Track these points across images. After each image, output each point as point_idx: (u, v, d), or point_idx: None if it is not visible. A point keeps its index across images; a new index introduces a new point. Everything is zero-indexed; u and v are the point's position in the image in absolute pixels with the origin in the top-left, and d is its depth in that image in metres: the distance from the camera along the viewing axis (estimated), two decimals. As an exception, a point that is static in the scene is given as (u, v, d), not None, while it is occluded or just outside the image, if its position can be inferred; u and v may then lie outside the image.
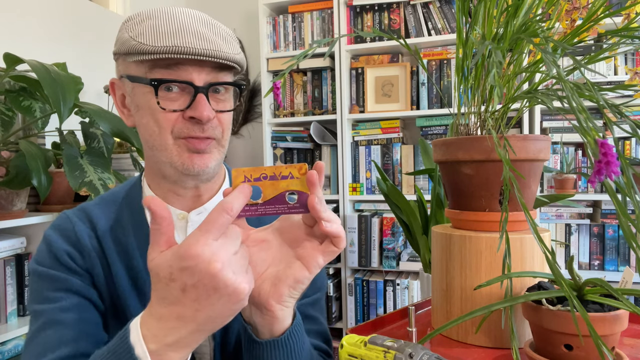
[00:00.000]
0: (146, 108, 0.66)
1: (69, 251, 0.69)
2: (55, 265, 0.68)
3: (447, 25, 2.27)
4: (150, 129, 0.66)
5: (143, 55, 0.62)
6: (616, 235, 2.12)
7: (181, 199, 0.73)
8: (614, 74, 2.13)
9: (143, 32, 0.63)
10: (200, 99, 0.64)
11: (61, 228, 0.72)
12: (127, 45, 0.64)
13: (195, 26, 0.64)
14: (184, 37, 0.62)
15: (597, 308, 0.54)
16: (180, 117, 0.65)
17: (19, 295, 1.57)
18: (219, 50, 0.64)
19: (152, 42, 0.62)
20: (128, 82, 0.68)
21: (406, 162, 2.38)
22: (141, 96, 0.66)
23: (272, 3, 2.49)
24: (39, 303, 0.67)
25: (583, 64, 0.51)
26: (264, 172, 0.51)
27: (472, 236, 0.65)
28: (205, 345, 0.73)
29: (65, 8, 2.01)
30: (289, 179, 0.51)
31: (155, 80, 0.63)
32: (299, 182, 0.51)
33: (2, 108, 1.54)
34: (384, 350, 0.53)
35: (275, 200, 0.51)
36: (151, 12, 0.66)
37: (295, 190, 0.51)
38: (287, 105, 2.55)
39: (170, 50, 0.61)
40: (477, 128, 0.69)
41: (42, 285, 0.68)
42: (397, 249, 2.34)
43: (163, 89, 0.64)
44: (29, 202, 1.67)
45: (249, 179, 0.51)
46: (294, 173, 0.51)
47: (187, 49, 0.62)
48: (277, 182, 0.51)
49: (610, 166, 0.44)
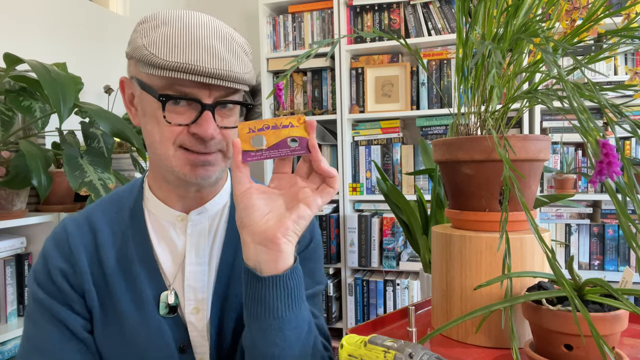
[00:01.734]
0: (152, 117, 0.67)
1: (63, 268, 0.71)
2: (47, 285, 0.71)
3: (447, 25, 2.27)
4: (153, 136, 0.67)
5: (154, 69, 0.62)
6: (616, 235, 2.12)
7: (183, 200, 0.74)
8: (614, 74, 2.13)
9: (156, 41, 0.63)
10: (206, 117, 0.65)
11: (57, 238, 0.74)
12: (140, 53, 0.64)
13: (209, 42, 0.64)
14: (195, 54, 0.62)
15: (597, 308, 0.54)
16: (184, 130, 0.66)
17: (19, 295, 1.56)
18: (230, 71, 0.64)
19: (164, 55, 0.62)
20: (138, 88, 0.68)
21: (406, 162, 2.38)
22: (148, 104, 0.67)
23: (272, 3, 2.49)
24: (30, 321, 0.72)
25: (583, 63, 0.51)
26: (266, 123, 0.59)
27: (472, 236, 0.65)
28: (204, 345, 0.73)
29: (65, 8, 2.01)
30: (289, 127, 0.59)
31: (163, 96, 0.64)
32: (298, 129, 0.59)
33: (2, 108, 1.54)
34: (384, 350, 0.53)
35: (277, 145, 0.59)
36: (167, 18, 0.66)
37: (296, 136, 0.59)
38: (287, 105, 2.55)
39: (180, 68, 0.61)
40: (477, 128, 0.69)
41: (34, 306, 0.72)
42: (397, 249, 2.34)
43: (171, 103, 0.65)
44: (29, 202, 1.67)
45: (253, 129, 0.59)
46: (294, 122, 0.59)
47: (198, 69, 0.62)
48: (278, 131, 0.59)
49: (612, 166, 0.44)
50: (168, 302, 0.71)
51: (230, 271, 0.75)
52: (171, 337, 0.71)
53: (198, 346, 0.74)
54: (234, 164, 0.60)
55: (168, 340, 0.71)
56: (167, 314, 0.71)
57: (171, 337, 0.71)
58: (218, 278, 0.74)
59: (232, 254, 0.75)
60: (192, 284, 0.73)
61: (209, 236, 0.75)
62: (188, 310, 0.73)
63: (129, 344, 0.70)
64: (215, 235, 0.76)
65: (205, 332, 0.73)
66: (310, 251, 0.80)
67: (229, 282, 0.74)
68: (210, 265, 0.75)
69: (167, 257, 0.74)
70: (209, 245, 0.75)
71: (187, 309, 0.73)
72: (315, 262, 0.82)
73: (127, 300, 0.71)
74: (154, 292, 0.72)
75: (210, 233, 0.76)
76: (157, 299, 0.72)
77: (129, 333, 0.70)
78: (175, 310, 0.72)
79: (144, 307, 0.71)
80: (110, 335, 0.71)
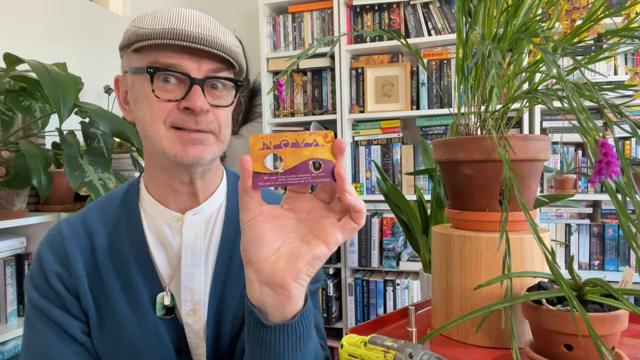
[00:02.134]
0: (143, 99, 0.67)
1: (58, 272, 0.71)
2: (44, 289, 0.71)
3: (447, 25, 2.27)
4: (144, 119, 0.67)
5: (141, 41, 0.64)
6: (616, 235, 2.12)
7: (177, 197, 0.73)
8: (614, 74, 2.13)
9: (144, 20, 0.66)
10: (195, 90, 0.65)
11: (51, 241, 0.73)
12: (128, 33, 0.67)
13: (195, 18, 0.66)
14: (181, 23, 0.64)
15: (597, 308, 0.54)
16: (175, 107, 0.66)
17: (19, 295, 1.56)
18: (215, 38, 0.65)
19: (150, 25, 0.64)
20: (129, 76, 0.69)
21: (406, 162, 2.38)
22: (139, 88, 0.68)
23: (272, 3, 2.49)
24: (28, 326, 0.72)
25: (583, 64, 0.51)
26: (285, 139, 0.47)
27: (472, 236, 0.65)
28: (201, 347, 0.73)
29: (65, 8, 2.01)
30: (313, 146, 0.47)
31: (151, 68, 0.64)
32: (324, 149, 0.47)
33: (2, 108, 1.54)
34: (384, 350, 0.53)
35: (297, 169, 0.47)
36: (157, 10, 0.69)
37: (320, 158, 0.47)
38: (287, 105, 2.55)
39: (164, 34, 0.63)
40: (477, 128, 0.69)
41: (32, 310, 0.72)
42: (397, 249, 2.34)
43: (160, 80, 0.65)
44: (29, 202, 1.67)
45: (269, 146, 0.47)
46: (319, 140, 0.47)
47: (183, 33, 0.63)
48: (299, 150, 0.47)
49: (610, 166, 0.44)
50: (164, 304, 0.71)
51: (226, 272, 0.74)
52: (168, 339, 0.71)
53: (195, 347, 0.73)
54: (242, 188, 0.50)
55: (165, 342, 0.70)
56: (163, 315, 0.71)
57: (168, 338, 0.71)
58: (214, 279, 0.73)
59: (228, 255, 0.75)
60: (189, 285, 0.72)
61: (204, 237, 0.75)
62: (185, 312, 0.72)
63: (126, 346, 0.70)
64: (211, 236, 0.75)
65: (202, 334, 0.73)
66: None
67: (226, 283, 0.74)
68: (207, 267, 0.74)
69: (163, 258, 0.73)
70: (205, 246, 0.74)
71: (184, 310, 0.72)
72: None
73: (123, 302, 0.70)
74: (150, 294, 0.71)
75: (206, 234, 0.75)
76: (154, 300, 0.71)
77: (126, 335, 0.70)
78: (172, 311, 0.72)
79: (140, 309, 0.70)
80: (107, 337, 0.71)
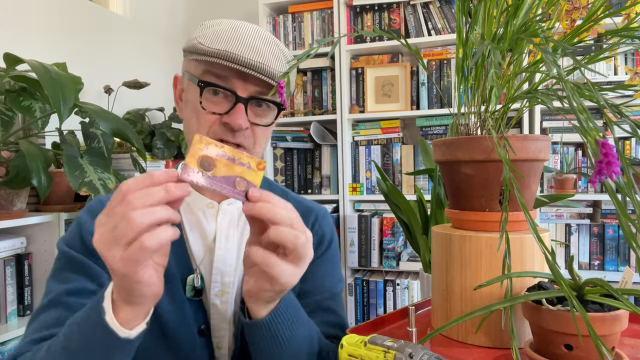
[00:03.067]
0: (192, 105, 0.73)
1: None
2: (79, 247, 0.72)
3: (447, 25, 2.27)
4: (191, 124, 0.74)
5: (198, 55, 0.70)
6: (616, 235, 2.12)
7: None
8: (614, 74, 2.13)
9: (206, 34, 0.72)
10: (238, 108, 0.70)
11: (92, 208, 0.77)
12: (190, 43, 0.73)
13: (252, 40, 0.71)
14: (235, 45, 0.69)
15: (597, 308, 0.54)
16: (218, 120, 0.71)
17: (19, 295, 1.57)
18: (265, 64, 0.70)
19: (208, 43, 0.70)
20: (186, 79, 0.76)
21: (406, 162, 2.38)
22: (191, 93, 0.74)
23: (272, 3, 2.49)
24: (53, 280, 0.71)
25: (583, 64, 0.51)
26: (225, 152, 0.53)
27: (472, 236, 0.65)
28: (225, 329, 0.76)
29: (65, 8, 2.01)
30: (246, 167, 0.53)
31: (202, 82, 0.70)
32: (254, 174, 0.53)
33: (2, 108, 1.54)
34: (384, 350, 0.53)
35: (224, 179, 0.52)
36: (222, 21, 0.75)
37: (247, 179, 0.53)
38: (288, 105, 2.55)
39: (218, 54, 0.68)
40: (477, 128, 0.69)
41: (61, 264, 0.72)
42: (397, 249, 2.34)
43: (210, 92, 0.71)
44: (29, 202, 1.67)
45: (208, 149, 0.52)
46: (252, 164, 0.54)
47: (233, 56, 0.68)
48: (233, 165, 0.53)
49: (611, 166, 0.44)
50: (194, 285, 0.74)
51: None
52: (192, 319, 0.74)
53: (217, 330, 0.76)
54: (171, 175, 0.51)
55: (189, 322, 0.73)
56: (192, 297, 0.74)
57: (193, 319, 0.74)
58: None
59: None
60: (221, 267, 0.75)
61: (238, 226, 0.79)
62: (213, 293, 0.75)
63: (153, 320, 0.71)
64: (244, 225, 0.80)
65: (227, 315, 0.76)
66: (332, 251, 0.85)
67: None
68: (239, 254, 0.78)
69: (197, 242, 0.77)
70: (239, 233, 0.79)
71: (213, 291, 0.75)
72: (336, 262, 0.87)
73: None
74: (182, 275, 0.74)
75: (239, 224, 0.79)
76: (184, 281, 0.74)
77: (155, 309, 0.71)
78: (200, 293, 0.75)
79: (171, 288, 0.72)
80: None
